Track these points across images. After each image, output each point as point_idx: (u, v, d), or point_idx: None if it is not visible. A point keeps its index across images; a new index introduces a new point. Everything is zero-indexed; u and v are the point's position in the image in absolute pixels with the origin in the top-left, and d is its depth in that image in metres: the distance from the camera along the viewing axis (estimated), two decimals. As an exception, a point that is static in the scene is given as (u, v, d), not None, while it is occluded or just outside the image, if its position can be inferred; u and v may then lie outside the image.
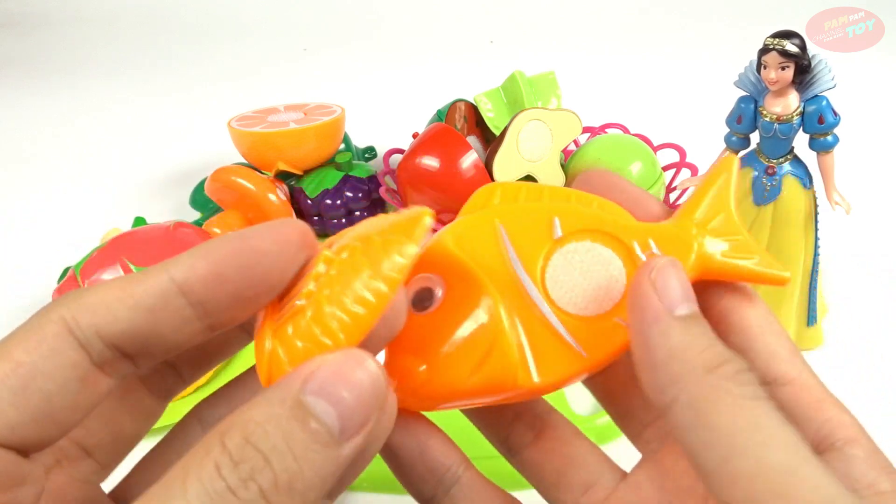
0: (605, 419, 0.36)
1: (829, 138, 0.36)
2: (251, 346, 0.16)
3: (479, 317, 0.18)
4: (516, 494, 0.21)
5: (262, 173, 0.51)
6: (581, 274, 0.19)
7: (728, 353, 0.15)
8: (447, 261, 0.19)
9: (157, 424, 0.19)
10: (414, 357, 0.18)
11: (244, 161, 0.55)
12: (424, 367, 0.18)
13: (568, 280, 0.19)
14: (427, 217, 0.15)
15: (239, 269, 0.14)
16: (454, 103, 0.57)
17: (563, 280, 0.19)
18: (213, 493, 0.12)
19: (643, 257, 0.19)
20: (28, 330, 0.14)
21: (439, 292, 0.19)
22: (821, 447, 0.17)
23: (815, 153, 0.37)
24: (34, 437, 0.13)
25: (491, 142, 0.53)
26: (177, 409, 0.19)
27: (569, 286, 0.19)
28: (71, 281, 0.39)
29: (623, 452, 0.36)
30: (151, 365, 0.15)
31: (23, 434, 0.13)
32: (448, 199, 0.48)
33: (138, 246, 0.40)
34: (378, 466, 0.35)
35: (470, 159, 0.48)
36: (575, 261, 0.19)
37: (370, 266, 0.14)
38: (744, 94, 0.38)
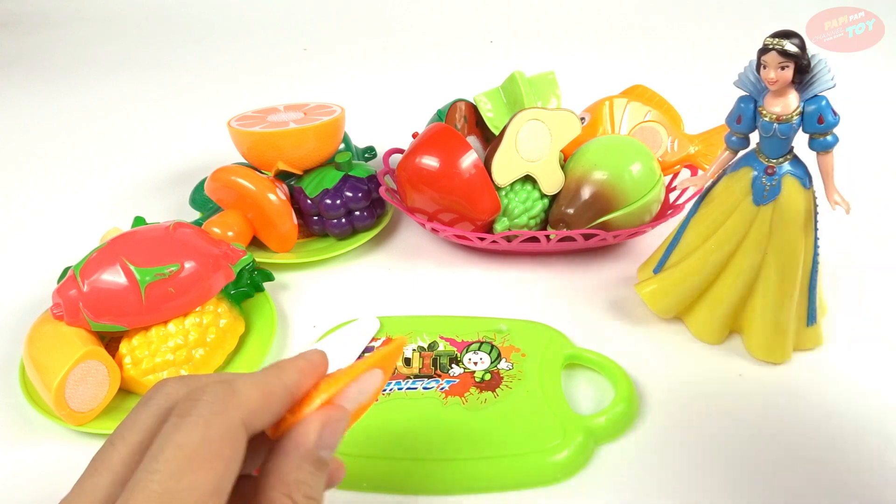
0: (604, 419, 0.36)
1: (829, 138, 0.36)
2: None
3: None
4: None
5: (262, 173, 0.51)
6: None
7: None
8: None
9: None
10: None
11: (244, 161, 0.55)
12: None
13: None
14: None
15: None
16: (454, 103, 0.57)
17: None
18: None
19: None
20: (224, 433, 0.20)
21: None
22: None
23: (814, 153, 0.37)
24: None
25: (491, 142, 0.53)
26: None
27: None
28: (71, 281, 0.39)
29: (622, 453, 0.37)
30: None
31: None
32: (448, 198, 0.48)
33: (138, 246, 0.40)
34: (378, 466, 0.35)
35: (470, 159, 0.48)
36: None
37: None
38: (743, 93, 0.38)
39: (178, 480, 0.18)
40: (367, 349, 0.41)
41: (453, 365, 0.40)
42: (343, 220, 0.52)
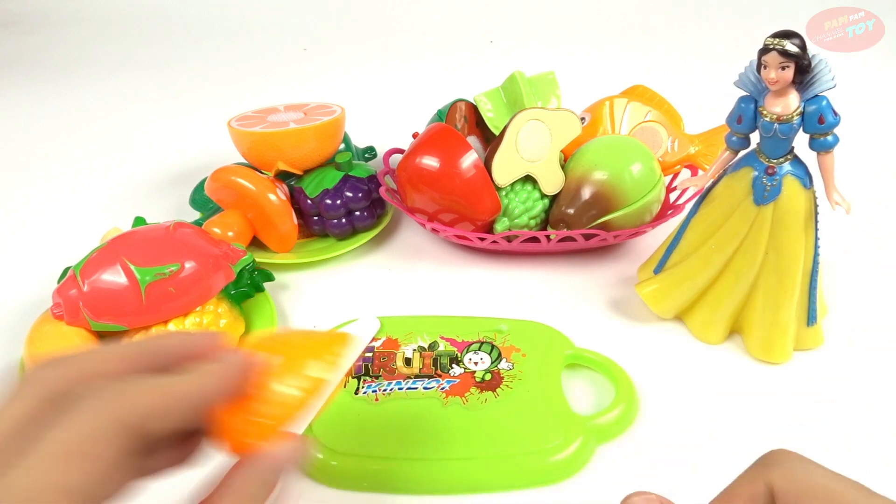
0: (604, 419, 0.36)
1: (829, 138, 0.36)
2: None
3: None
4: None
5: (262, 173, 0.51)
6: None
7: None
8: None
9: None
10: None
11: (244, 161, 0.55)
12: None
13: None
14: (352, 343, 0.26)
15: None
16: (454, 103, 0.57)
17: None
18: None
19: None
20: (102, 433, 0.19)
21: None
22: None
23: (815, 153, 0.37)
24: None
25: (491, 142, 0.53)
26: None
27: None
28: (71, 281, 0.39)
29: (623, 453, 0.37)
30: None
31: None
32: (448, 198, 0.48)
33: (138, 246, 0.40)
34: (378, 466, 0.35)
35: (470, 159, 0.48)
36: None
37: (300, 369, 0.24)
38: (744, 93, 0.38)
39: (40, 477, 0.17)
40: (368, 349, 0.41)
41: (454, 365, 0.40)
42: (343, 220, 0.52)
